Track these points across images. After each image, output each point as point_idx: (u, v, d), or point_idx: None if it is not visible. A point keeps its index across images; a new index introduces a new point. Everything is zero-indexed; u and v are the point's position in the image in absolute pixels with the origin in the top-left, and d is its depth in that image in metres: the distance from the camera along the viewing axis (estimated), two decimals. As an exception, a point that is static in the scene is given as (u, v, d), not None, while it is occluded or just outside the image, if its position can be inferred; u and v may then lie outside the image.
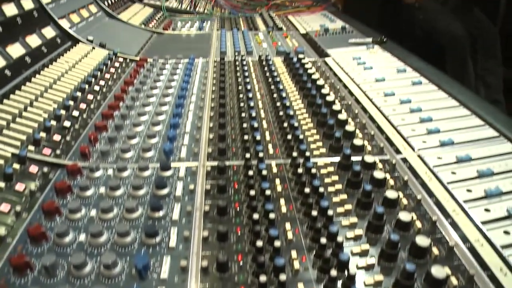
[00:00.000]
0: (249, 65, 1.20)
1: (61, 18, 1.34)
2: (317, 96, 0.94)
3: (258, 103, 0.95)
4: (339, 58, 1.26)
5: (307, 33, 1.61)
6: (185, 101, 0.97)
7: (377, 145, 0.78)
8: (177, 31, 1.71)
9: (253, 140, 0.77)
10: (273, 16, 1.93)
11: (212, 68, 1.19)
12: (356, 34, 1.57)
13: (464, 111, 0.91)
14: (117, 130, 0.85)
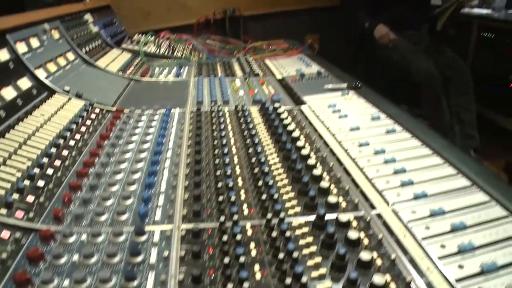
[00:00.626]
0: (225, 116, 1.20)
1: (37, 68, 1.34)
2: (292, 149, 0.94)
3: (233, 158, 0.95)
4: (315, 106, 1.28)
5: (284, 78, 1.64)
6: (160, 157, 0.96)
7: (352, 200, 0.79)
8: (154, 78, 1.72)
9: (228, 200, 0.77)
10: (250, 60, 1.96)
11: (189, 119, 1.19)
12: (332, 79, 1.60)
13: (437, 159, 0.92)
14: (91, 190, 0.84)
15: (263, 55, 2.06)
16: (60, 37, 1.65)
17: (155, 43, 2.17)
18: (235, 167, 0.91)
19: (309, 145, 1.01)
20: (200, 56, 2.05)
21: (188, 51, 2.10)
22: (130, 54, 2.07)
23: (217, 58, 2.03)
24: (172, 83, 1.65)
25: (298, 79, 1.60)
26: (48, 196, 0.83)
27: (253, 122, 1.15)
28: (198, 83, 1.56)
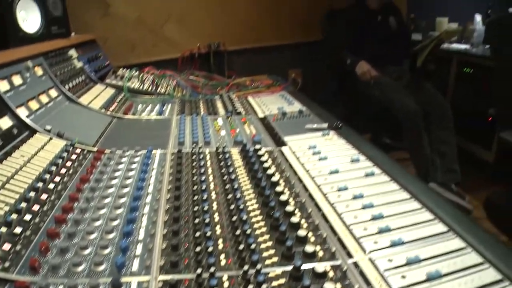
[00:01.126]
0: (206, 159, 1.21)
1: (19, 107, 1.34)
2: (271, 195, 0.95)
3: (212, 204, 0.95)
4: (296, 147, 1.29)
5: (265, 117, 1.65)
6: (139, 202, 0.96)
7: (329, 248, 0.79)
8: (137, 115, 1.73)
9: (206, 250, 0.77)
10: (233, 97, 1.98)
11: (169, 162, 1.20)
12: (313, 118, 1.62)
13: (415, 204, 0.94)
14: (69, 238, 0.84)
15: (246, 92, 2.08)
16: (43, 73, 1.66)
17: (139, 78, 2.19)
18: (214, 214, 0.91)
19: (288, 189, 1.02)
20: (183, 93, 2.06)
21: (171, 87, 2.11)
22: (114, 89, 2.07)
23: (201, 94, 2.05)
24: (154, 121, 1.66)
25: (280, 118, 1.62)
26: (25, 243, 0.82)
27: (234, 165, 1.15)
28: (181, 122, 1.57)
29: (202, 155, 1.21)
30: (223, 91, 2.13)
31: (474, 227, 0.85)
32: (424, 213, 0.90)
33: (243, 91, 2.09)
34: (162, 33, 3.15)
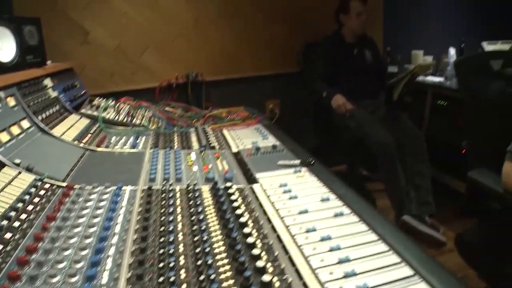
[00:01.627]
0: (176, 197, 1.20)
1: (-11, 140, 1.33)
2: (238, 237, 0.95)
3: (179, 246, 0.94)
4: (267, 185, 1.30)
5: (239, 152, 1.66)
6: (106, 243, 0.95)
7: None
8: (110, 148, 1.71)
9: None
10: (208, 130, 1.99)
11: (139, 199, 1.19)
12: (286, 153, 1.63)
13: (383, 246, 0.94)
14: (31, 282, 0.82)
15: (222, 125, 2.08)
16: (15, 104, 1.64)
17: (115, 108, 2.18)
18: (180, 257, 0.90)
19: (256, 231, 1.01)
20: (158, 125, 2.06)
21: (147, 118, 2.11)
22: (89, 120, 2.06)
23: (176, 127, 2.05)
24: (127, 155, 1.65)
25: (253, 153, 1.63)
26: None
27: (203, 204, 1.15)
28: (153, 156, 1.57)
29: (172, 193, 1.21)
30: (199, 123, 2.13)
31: (441, 272, 0.86)
32: (391, 256, 0.90)
33: (219, 124, 2.10)
34: (140, 62, 3.16)
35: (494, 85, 2.75)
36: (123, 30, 3.07)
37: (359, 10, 3.07)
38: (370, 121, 2.81)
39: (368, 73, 3.16)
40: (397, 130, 2.86)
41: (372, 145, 2.66)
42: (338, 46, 3.14)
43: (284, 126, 3.60)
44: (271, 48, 3.53)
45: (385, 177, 2.75)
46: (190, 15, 3.23)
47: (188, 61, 3.27)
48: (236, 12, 3.36)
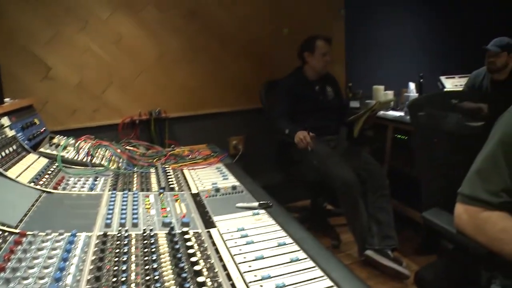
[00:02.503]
0: (131, 243, 1.18)
1: None
2: (191, 287, 0.94)
3: (131, 298, 0.93)
4: (224, 229, 1.30)
5: (198, 193, 1.66)
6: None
7: None
8: (67, 190, 1.69)
9: None
10: (168, 170, 1.98)
11: (93, 247, 1.16)
12: (245, 194, 1.64)
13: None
14: None
15: (183, 164, 2.08)
16: (-30, 146, 1.61)
17: (75, 147, 2.16)
18: (131, 311, 0.89)
19: (210, 279, 1.01)
20: (119, 165, 2.04)
21: (107, 158, 2.09)
22: (47, 159, 2.03)
23: (136, 167, 2.03)
24: (85, 197, 1.62)
25: (213, 195, 1.63)
26: None
27: (158, 251, 1.14)
28: (111, 199, 1.55)
29: (128, 240, 1.19)
30: (160, 162, 2.12)
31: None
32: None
33: (180, 163, 2.09)
34: (103, 98, 3.14)
35: (451, 118, 2.84)
36: (86, 66, 3.06)
37: (324, 51, 3.16)
38: (332, 158, 2.85)
39: (329, 110, 3.23)
40: (359, 165, 2.91)
41: (334, 182, 2.70)
42: (300, 83, 3.21)
43: (248, 161, 3.65)
44: (235, 84, 3.57)
45: (347, 213, 2.79)
46: (154, 52, 3.25)
47: (151, 98, 3.27)
48: (200, 49, 3.40)
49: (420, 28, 4.56)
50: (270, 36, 3.68)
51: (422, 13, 4.55)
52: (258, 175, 3.67)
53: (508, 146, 1.19)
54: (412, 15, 4.50)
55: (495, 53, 3.22)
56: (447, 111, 2.86)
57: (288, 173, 3.14)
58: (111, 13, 3.08)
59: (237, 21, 3.51)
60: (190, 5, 3.32)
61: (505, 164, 1.19)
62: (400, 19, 4.41)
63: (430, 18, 4.60)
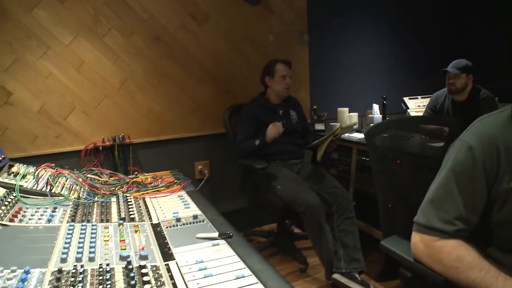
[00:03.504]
0: (87, 279, 1.16)
1: None
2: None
3: None
4: (183, 261, 1.29)
5: (159, 223, 1.64)
6: None
7: None
8: (24, 222, 1.64)
9: None
10: (130, 199, 1.95)
11: (47, 284, 1.13)
12: (206, 224, 1.64)
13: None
14: None
15: (145, 192, 2.06)
16: None
17: (35, 176, 2.11)
18: None
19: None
20: (79, 195, 2.00)
21: (67, 187, 2.05)
22: (5, 190, 1.97)
23: (97, 196, 2.00)
24: (42, 230, 1.58)
25: (173, 225, 1.62)
26: None
27: (114, 287, 1.12)
28: (69, 231, 1.51)
29: (83, 276, 1.16)
30: (122, 190, 2.09)
31: None
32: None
33: (142, 191, 2.07)
34: (66, 124, 3.09)
35: (414, 139, 2.90)
36: (48, 91, 3.01)
37: (284, 73, 3.19)
38: (296, 182, 2.87)
39: (293, 134, 3.26)
40: (323, 189, 2.93)
41: (298, 207, 2.70)
42: (263, 108, 3.23)
43: (215, 186, 3.64)
44: (200, 109, 3.57)
45: (313, 237, 2.79)
46: (117, 77, 3.22)
47: (115, 123, 3.23)
48: (164, 74, 3.38)
49: (383, 50, 4.66)
50: (235, 61, 3.70)
51: (385, 36, 4.66)
52: (225, 199, 3.71)
53: (460, 175, 1.22)
54: (376, 38, 4.61)
55: (454, 75, 3.31)
56: (412, 132, 2.93)
57: (253, 198, 3.13)
58: (74, 38, 3.05)
59: (202, 46, 3.52)
60: (154, 30, 3.31)
61: (458, 193, 1.21)
62: (364, 42, 4.50)
63: (393, 41, 4.71)
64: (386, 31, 4.66)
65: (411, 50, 4.79)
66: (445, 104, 3.58)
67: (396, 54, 4.74)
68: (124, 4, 3.19)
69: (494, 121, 1.25)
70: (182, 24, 3.43)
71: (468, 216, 1.21)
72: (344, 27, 4.30)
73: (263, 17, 3.79)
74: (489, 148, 1.19)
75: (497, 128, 1.22)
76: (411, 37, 4.78)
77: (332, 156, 3.65)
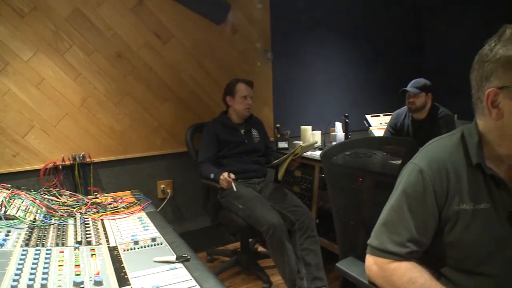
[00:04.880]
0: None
1: None
2: None
3: None
4: (138, 287, 1.26)
5: (116, 246, 1.61)
6: None
7: None
8: (-23, 245, 1.59)
9: None
10: (88, 221, 1.91)
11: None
12: (165, 246, 1.61)
13: None
14: None
15: (104, 214, 2.02)
16: None
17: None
18: None
19: None
20: (35, 217, 1.94)
21: (23, 208, 1.99)
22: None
23: (54, 218, 1.95)
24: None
25: (131, 248, 1.59)
26: None
27: (65, 317, 1.09)
28: (22, 256, 1.47)
29: (33, 306, 1.13)
30: (81, 211, 2.04)
31: None
32: None
33: (101, 213, 2.03)
34: (24, 143, 3.01)
35: (376, 157, 2.95)
36: (6, 108, 2.93)
37: (245, 94, 3.22)
38: (257, 201, 2.87)
39: (255, 152, 3.27)
40: (285, 207, 2.95)
41: (259, 226, 2.71)
42: (225, 127, 3.24)
43: (178, 205, 3.61)
44: (163, 127, 3.55)
45: (275, 256, 2.79)
46: (79, 94, 3.17)
47: (75, 142, 3.17)
48: (127, 92, 3.36)
49: (346, 68, 4.77)
50: (199, 79, 3.70)
51: (348, 54, 4.77)
52: (189, 218, 3.68)
53: (411, 198, 1.24)
54: (339, 56, 4.71)
55: (414, 94, 3.41)
56: (374, 149, 2.97)
57: (215, 218, 3.11)
58: (34, 54, 2.99)
59: (166, 64, 3.52)
60: (116, 48, 3.29)
61: (409, 216, 1.23)
62: (327, 61, 4.59)
63: (356, 59, 4.83)
64: (349, 50, 4.78)
65: (374, 68, 4.91)
66: (405, 122, 3.67)
67: (358, 72, 4.85)
68: (87, 21, 3.16)
69: (444, 144, 1.28)
70: (146, 42, 3.42)
71: (420, 238, 1.24)
72: (307, 45, 4.37)
73: (227, 35, 3.82)
74: (438, 171, 1.22)
75: (447, 151, 1.25)
76: (373, 55, 4.90)
77: (295, 174, 3.67)
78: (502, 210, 1.21)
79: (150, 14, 3.42)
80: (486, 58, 1.12)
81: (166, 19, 3.49)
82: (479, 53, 1.16)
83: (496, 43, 1.11)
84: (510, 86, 1.07)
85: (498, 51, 1.09)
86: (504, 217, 1.21)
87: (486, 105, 1.13)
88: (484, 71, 1.13)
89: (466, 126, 1.28)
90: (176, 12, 3.52)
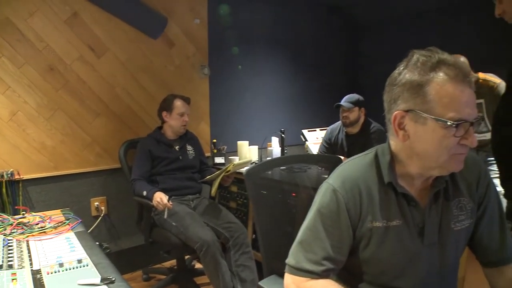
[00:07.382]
0: None
1: None
2: None
3: None
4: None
5: (40, 269, 1.56)
6: None
7: None
8: None
9: None
10: (11, 242, 1.84)
11: None
12: (90, 268, 1.58)
13: None
14: None
15: (30, 234, 1.95)
16: None
17: None
18: None
19: None
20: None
21: None
22: None
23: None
24: None
25: (55, 271, 1.54)
26: None
27: None
28: None
29: None
30: (5, 232, 1.97)
31: None
32: None
33: (27, 233, 1.96)
34: None
35: (311, 171, 3.00)
36: None
37: (182, 111, 3.21)
38: (191, 218, 2.87)
39: (190, 169, 3.27)
40: (219, 224, 2.96)
41: (193, 243, 2.70)
42: (159, 143, 3.21)
43: (112, 223, 3.53)
44: (96, 143, 3.45)
45: (210, 273, 2.78)
46: (7, 108, 3.02)
47: (3, 158, 3.01)
48: (59, 107, 3.24)
49: (282, 84, 4.86)
50: (134, 94, 3.64)
51: (286, 71, 4.87)
52: (124, 236, 3.61)
53: (325, 217, 1.28)
54: (276, 73, 4.79)
55: (348, 108, 3.52)
56: (310, 164, 3.02)
57: (149, 236, 3.06)
58: (-42, 66, 2.87)
59: (100, 78, 3.43)
60: (48, 61, 3.18)
61: (325, 234, 1.27)
62: (265, 77, 4.66)
63: (292, 75, 4.93)
64: (287, 65, 4.87)
65: (310, 84, 5.04)
66: (339, 136, 3.78)
67: (295, 87, 4.96)
68: (17, 32, 3.04)
69: (358, 163, 1.34)
70: (79, 55, 3.34)
71: (336, 256, 1.28)
72: (244, 61, 4.42)
73: (164, 50, 3.79)
74: (351, 190, 1.26)
75: (360, 170, 1.30)
76: (310, 71, 5.03)
77: (232, 190, 3.69)
78: (413, 226, 1.27)
79: (85, 26, 3.34)
80: (394, 82, 1.19)
81: (101, 32, 3.42)
82: (390, 76, 1.23)
83: (404, 68, 1.18)
84: (415, 110, 1.14)
85: (405, 75, 1.16)
86: (415, 233, 1.27)
87: (393, 126, 1.20)
88: (392, 94, 1.20)
89: (380, 146, 1.34)
90: (111, 25, 3.46)
